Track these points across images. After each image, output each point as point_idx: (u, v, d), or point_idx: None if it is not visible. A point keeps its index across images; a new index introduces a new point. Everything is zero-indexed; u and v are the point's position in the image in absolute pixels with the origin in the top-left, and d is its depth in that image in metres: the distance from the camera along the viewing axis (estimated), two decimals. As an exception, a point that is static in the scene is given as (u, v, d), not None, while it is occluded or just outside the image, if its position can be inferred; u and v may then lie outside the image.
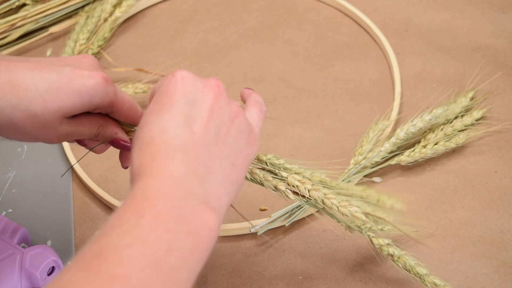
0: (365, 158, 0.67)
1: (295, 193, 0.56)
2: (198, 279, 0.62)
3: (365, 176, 0.68)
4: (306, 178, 0.56)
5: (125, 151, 0.56)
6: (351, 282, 0.62)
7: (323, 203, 0.54)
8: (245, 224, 0.64)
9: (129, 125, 0.55)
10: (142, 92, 0.75)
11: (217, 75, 0.80)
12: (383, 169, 0.70)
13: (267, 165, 0.56)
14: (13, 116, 0.47)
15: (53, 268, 0.60)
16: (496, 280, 0.61)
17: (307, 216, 0.66)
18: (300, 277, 0.62)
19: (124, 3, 0.83)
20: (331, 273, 0.62)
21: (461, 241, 0.64)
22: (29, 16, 0.83)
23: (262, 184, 0.56)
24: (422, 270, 0.58)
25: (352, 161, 0.68)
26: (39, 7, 0.84)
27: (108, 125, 0.53)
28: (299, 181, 0.55)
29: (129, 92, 0.75)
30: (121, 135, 0.54)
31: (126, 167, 0.56)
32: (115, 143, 0.54)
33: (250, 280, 0.62)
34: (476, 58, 0.80)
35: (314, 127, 0.74)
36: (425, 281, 0.57)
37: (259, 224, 0.65)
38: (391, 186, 0.69)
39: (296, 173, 0.56)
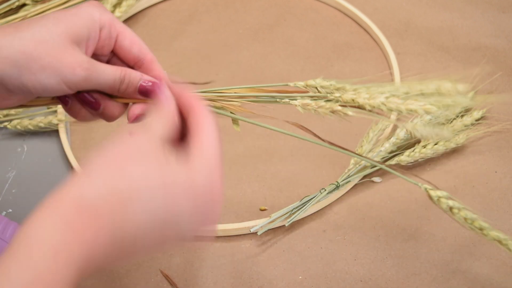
0: (365, 158, 0.67)
1: (354, 107, 0.53)
2: (198, 279, 0.62)
3: (365, 176, 0.68)
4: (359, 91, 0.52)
5: (149, 97, 0.52)
6: (351, 282, 0.62)
7: (386, 107, 0.51)
8: (245, 224, 0.64)
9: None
10: None
11: (217, 75, 0.80)
12: (383, 169, 0.69)
13: (317, 90, 0.53)
14: (23, 47, 0.47)
15: None
16: (496, 280, 0.61)
17: (307, 216, 0.66)
18: (300, 277, 0.62)
19: (124, 3, 0.83)
20: (331, 273, 0.62)
21: (461, 241, 0.64)
22: (30, 17, 0.83)
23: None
24: (483, 224, 0.54)
25: (352, 161, 0.68)
26: (39, 7, 0.84)
27: (130, 69, 0.52)
28: (354, 93, 0.53)
29: None
30: (147, 76, 0.52)
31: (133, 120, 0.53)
32: (144, 88, 0.52)
33: (250, 280, 0.62)
34: (476, 58, 0.80)
35: (314, 127, 0.74)
36: (487, 235, 0.54)
37: (259, 224, 0.65)
38: (391, 186, 0.68)
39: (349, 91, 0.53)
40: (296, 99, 0.55)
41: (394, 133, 0.68)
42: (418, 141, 0.70)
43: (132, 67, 0.53)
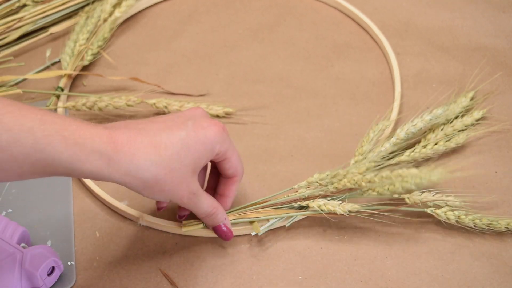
0: (365, 158, 0.67)
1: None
2: (198, 279, 0.62)
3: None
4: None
5: (221, 234, 0.62)
6: (351, 282, 0.62)
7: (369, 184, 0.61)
8: (245, 224, 0.64)
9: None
10: (135, 104, 0.74)
11: (217, 75, 0.80)
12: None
13: (319, 184, 0.64)
14: (156, 173, 0.52)
15: (53, 268, 0.60)
16: (496, 280, 0.61)
17: (307, 217, 0.66)
18: (300, 277, 0.62)
19: (123, 3, 0.83)
20: (331, 273, 0.62)
21: (461, 241, 0.64)
22: (30, 17, 0.83)
23: None
24: (491, 218, 0.62)
25: (352, 161, 0.68)
26: (39, 7, 0.84)
27: (221, 208, 0.60)
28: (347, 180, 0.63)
29: (121, 103, 0.73)
30: (228, 222, 0.62)
31: (181, 218, 0.64)
32: (219, 229, 0.61)
33: (250, 280, 0.62)
34: (476, 58, 0.80)
35: (314, 127, 0.74)
36: (497, 224, 0.62)
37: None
38: (391, 186, 0.68)
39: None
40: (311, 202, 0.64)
41: (394, 133, 0.68)
42: (418, 141, 0.70)
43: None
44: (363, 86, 0.78)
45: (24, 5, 0.85)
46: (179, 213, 0.63)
